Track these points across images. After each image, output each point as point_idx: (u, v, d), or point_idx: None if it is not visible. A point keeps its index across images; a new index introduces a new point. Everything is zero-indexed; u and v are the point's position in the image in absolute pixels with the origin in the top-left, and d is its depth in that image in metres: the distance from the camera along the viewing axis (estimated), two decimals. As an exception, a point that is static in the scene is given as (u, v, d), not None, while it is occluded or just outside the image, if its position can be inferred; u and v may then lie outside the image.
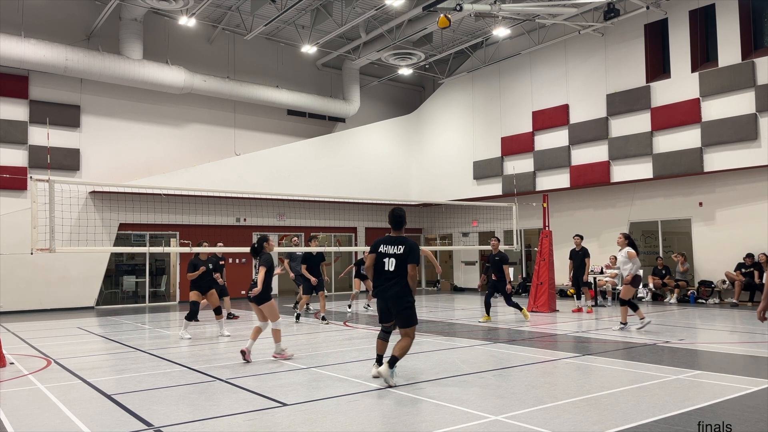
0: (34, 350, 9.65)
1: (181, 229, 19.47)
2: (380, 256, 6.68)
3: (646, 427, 4.79)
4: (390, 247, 6.65)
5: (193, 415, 5.41)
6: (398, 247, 6.61)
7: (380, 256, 6.68)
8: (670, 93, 16.58)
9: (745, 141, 14.98)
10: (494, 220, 20.81)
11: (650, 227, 18.18)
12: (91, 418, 5.39)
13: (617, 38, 17.89)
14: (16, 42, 16.35)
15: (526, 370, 7.26)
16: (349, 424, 5.10)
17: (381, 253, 6.69)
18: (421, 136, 24.23)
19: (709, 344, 9.05)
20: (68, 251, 15.38)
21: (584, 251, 14.18)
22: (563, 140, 19.04)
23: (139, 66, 18.26)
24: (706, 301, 15.84)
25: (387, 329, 6.86)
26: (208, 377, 7.13)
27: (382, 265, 6.65)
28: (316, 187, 20.65)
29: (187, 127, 20.61)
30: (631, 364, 7.50)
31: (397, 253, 6.59)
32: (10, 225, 16.67)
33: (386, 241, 6.73)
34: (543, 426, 4.84)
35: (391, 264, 6.59)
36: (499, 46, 21.34)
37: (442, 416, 5.22)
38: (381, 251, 6.69)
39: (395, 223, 6.84)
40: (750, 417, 5.05)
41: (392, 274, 6.57)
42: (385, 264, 6.62)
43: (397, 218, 6.83)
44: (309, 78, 23.34)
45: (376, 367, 6.76)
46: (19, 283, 16.93)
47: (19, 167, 17.40)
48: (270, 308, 8.32)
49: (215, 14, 19.74)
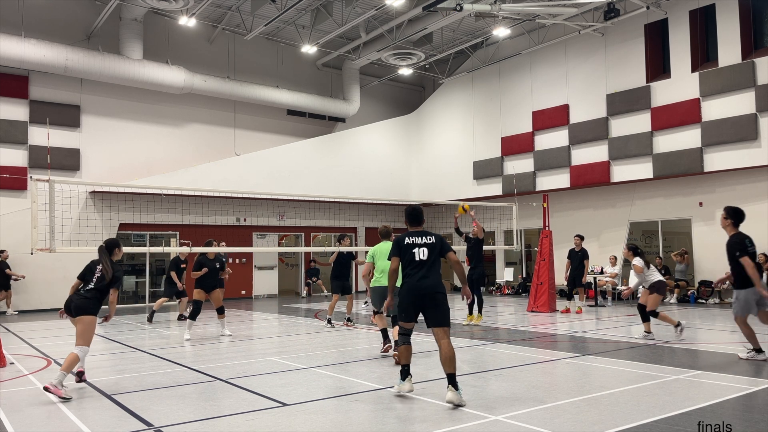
0: (34, 350, 9.66)
1: (181, 229, 19.47)
2: (408, 248, 6.06)
3: (646, 427, 4.79)
4: (417, 239, 6.12)
5: (193, 415, 5.41)
6: (428, 237, 6.14)
7: (408, 248, 6.07)
8: (670, 93, 16.58)
9: (745, 141, 14.98)
10: (494, 220, 20.80)
11: (650, 227, 18.18)
12: (91, 418, 5.39)
13: (617, 38, 17.89)
14: (16, 42, 16.34)
15: (526, 370, 7.26)
16: (349, 424, 5.10)
17: (409, 245, 6.08)
18: (421, 136, 24.23)
19: (709, 344, 9.05)
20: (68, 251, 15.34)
21: (583, 252, 14.13)
22: (563, 140, 19.04)
23: (139, 66, 18.26)
24: (706, 301, 15.84)
25: (410, 331, 6.20)
26: (208, 377, 7.13)
27: (412, 256, 6.02)
28: (316, 187, 20.64)
29: (187, 127, 20.62)
30: (631, 364, 7.50)
31: (427, 242, 6.10)
32: (10, 225, 16.67)
33: (410, 234, 6.21)
34: (543, 426, 4.84)
35: (423, 253, 6.03)
36: (499, 46, 21.34)
37: (442, 416, 5.22)
38: (408, 243, 6.09)
39: (416, 218, 6.39)
40: (750, 417, 5.05)
41: (424, 263, 6.00)
42: (416, 255, 6.02)
43: (418, 213, 6.41)
44: (309, 78, 23.34)
45: (409, 382, 6.02)
46: (19, 283, 16.93)
47: (19, 167, 17.40)
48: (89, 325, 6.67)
49: (215, 14, 19.74)
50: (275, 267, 22.23)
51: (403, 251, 6.09)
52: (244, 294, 21.25)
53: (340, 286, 12.21)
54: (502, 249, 20.86)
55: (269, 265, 21.95)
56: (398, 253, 6.11)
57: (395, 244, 6.19)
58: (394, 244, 6.22)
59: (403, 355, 6.13)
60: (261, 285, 21.51)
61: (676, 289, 16.33)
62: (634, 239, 18.57)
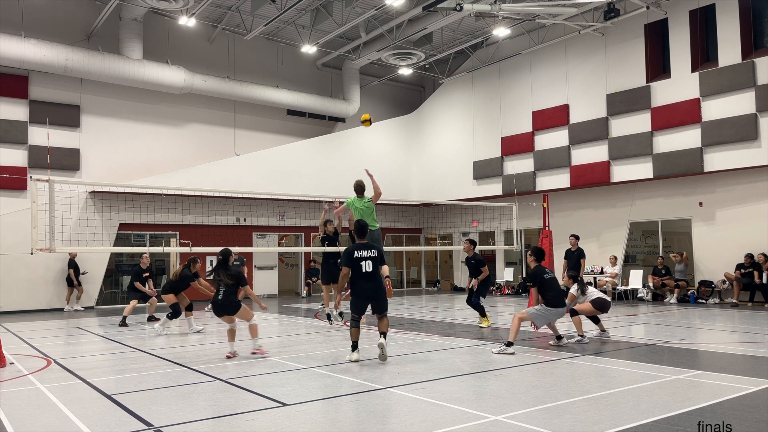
0: (34, 350, 9.66)
1: (181, 229, 19.47)
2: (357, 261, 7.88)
3: (646, 427, 4.78)
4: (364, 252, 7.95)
5: (193, 415, 5.40)
6: (371, 251, 7.98)
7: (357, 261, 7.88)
8: (670, 93, 16.58)
9: (745, 141, 14.98)
10: (494, 220, 20.81)
11: (650, 227, 18.19)
12: (91, 418, 5.39)
13: (617, 38, 17.89)
14: (16, 42, 16.35)
15: (526, 370, 7.26)
16: (349, 424, 5.10)
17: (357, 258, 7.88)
18: (421, 136, 24.23)
19: (709, 344, 9.05)
20: (68, 251, 15.38)
21: (579, 251, 14.15)
22: (563, 140, 19.04)
23: (139, 66, 18.26)
24: (706, 301, 15.84)
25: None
26: (208, 377, 7.13)
27: (360, 268, 7.86)
28: (315, 187, 20.64)
29: (187, 127, 20.62)
30: (631, 364, 7.50)
31: (371, 255, 7.94)
32: (10, 225, 16.67)
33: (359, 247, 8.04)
34: (543, 426, 4.84)
35: (368, 266, 7.91)
36: (499, 46, 21.34)
37: (442, 416, 5.22)
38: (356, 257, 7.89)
39: (362, 232, 8.21)
40: (750, 417, 5.05)
41: (371, 275, 7.90)
42: (362, 267, 7.87)
43: (363, 228, 8.24)
44: (309, 78, 23.34)
45: (358, 353, 7.94)
46: (19, 283, 16.94)
47: (19, 167, 17.40)
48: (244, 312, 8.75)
49: (215, 14, 19.75)
50: (275, 267, 22.23)
51: (354, 261, 7.89)
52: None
53: (333, 277, 11.72)
54: (502, 249, 20.85)
55: (269, 265, 21.94)
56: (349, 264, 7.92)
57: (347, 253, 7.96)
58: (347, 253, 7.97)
59: (356, 335, 8.02)
60: (261, 285, 21.50)
61: (677, 289, 16.33)
62: (634, 239, 18.59)
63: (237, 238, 20.21)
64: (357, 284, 7.93)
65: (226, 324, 8.82)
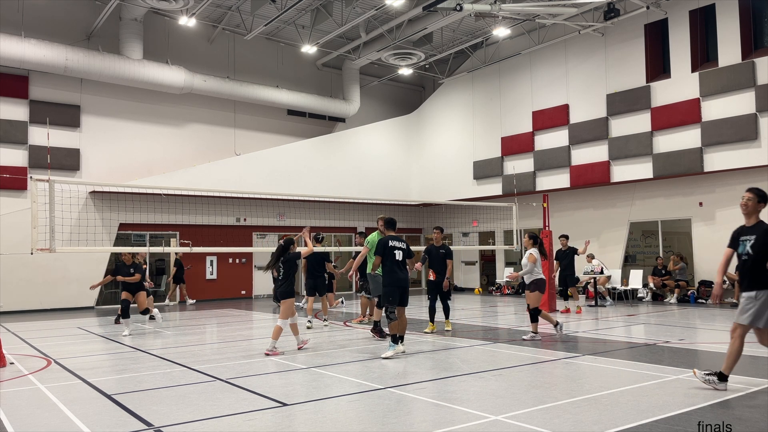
0: (34, 350, 9.66)
1: (181, 229, 19.47)
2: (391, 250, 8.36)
3: (646, 427, 4.79)
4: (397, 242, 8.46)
5: (193, 415, 5.41)
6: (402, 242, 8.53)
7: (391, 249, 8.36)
8: (670, 93, 16.57)
9: (745, 141, 14.98)
10: (494, 220, 20.80)
11: (650, 227, 18.18)
12: (91, 418, 5.39)
13: (617, 38, 17.89)
14: (16, 42, 16.34)
15: (526, 370, 7.26)
16: (349, 424, 5.10)
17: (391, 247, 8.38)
18: (421, 136, 24.23)
19: (709, 344, 9.06)
20: (68, 251, 15.36)
21: (572, 250, 14.17)
22: (563, 140, 19.04)
23: (139, 66, 18.26)
24: (706, 301, 15.84)
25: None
26: (208, 377, 7.13)
27: (393, 256, 8.31)
28: (316, 187, 20.64)
29: (187, 127, 20.62)
30: (631, 364, 7.50)
31: (402, 247, 8.46)
32: (10, 225, 16.66)
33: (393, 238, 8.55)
34: (543, 426, 4.84)
35: (400, 255, 8.38)
36: (499, 46, 21.34)
37: (442, 416, 5.22)
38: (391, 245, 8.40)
39: (393, 225, 8.82)
40: (750, 417, 5.05)
41: (403, 264, 8.41)
42: (396, 255, 8.33)
43: (393, 222, 8.87)
44: (309, 78, 23.34)
45: (403, 345, 8.38)
46: (19, 283, 16.93)
47: (19, 167, 17.40)
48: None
49: (215, 14, 19.74)
50: (275, 267, 22.17)
51: (388, 250, 8.33)
52: (244, 294, 21.26)
53: (314, 286, 12.19)
54: (501, 249, 20.84)
55: (269, 265, 21.90)
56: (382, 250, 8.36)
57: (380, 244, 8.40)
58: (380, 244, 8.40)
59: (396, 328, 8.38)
60: (261, 285, 21.49)
61: (677, 289, 16.34)
62: (634, 239, 18.58)
63: (237, 238, 20.21)
64: (393, 272, 8.29)
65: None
